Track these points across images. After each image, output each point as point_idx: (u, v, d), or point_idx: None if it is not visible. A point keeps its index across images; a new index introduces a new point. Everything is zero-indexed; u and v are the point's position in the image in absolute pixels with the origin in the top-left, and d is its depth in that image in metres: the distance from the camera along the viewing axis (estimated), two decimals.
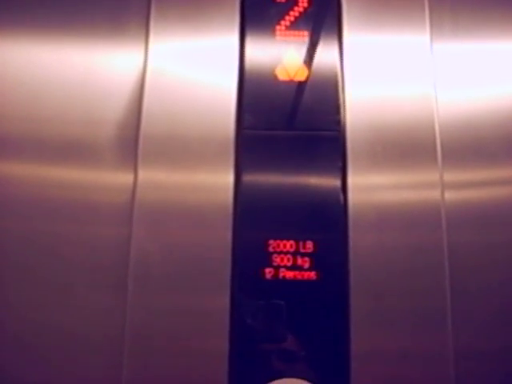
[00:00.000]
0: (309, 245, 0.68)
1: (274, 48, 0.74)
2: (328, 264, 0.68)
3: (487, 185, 0.73)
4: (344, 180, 0.70)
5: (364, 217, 0.69)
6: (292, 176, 0.70)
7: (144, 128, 0.72)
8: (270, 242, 0.68)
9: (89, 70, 0.75)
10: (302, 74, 0.73)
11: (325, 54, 0.74)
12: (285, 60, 0.73)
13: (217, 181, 0.70)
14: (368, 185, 0.71)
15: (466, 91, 0.75)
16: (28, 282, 0.69)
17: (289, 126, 0.72)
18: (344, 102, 0.73)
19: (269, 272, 0.67)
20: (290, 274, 0.67)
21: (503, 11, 0.78)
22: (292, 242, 0.68)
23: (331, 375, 0.66)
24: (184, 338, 0.67)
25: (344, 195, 0.70)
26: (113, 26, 0.76)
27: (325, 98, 0.72)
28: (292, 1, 0.76)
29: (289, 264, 0.67)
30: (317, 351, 0.66)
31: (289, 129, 0.72)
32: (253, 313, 0.67)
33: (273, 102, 0.72)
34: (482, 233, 0.71)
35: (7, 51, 0.76)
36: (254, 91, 0.72)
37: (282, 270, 0.67)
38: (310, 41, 0.74)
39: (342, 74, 0.73)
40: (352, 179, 0.70)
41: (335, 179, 0.70)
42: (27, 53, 0.75)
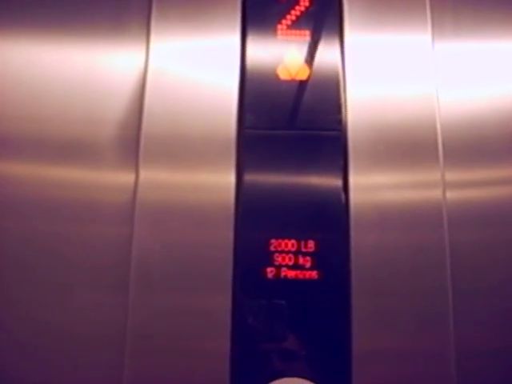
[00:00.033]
0: (310, 244, 0.68)
1: (276, 47, 0.74)
2: (329, 263, 0.68)
3: (489, 184, 0.73)
4: (345, 179, 0.70)
5: (366, 216, 0.69)
6: (294, 175, 0.70)
7: (145, 128, 0.72)
8: (272, 242, 0.68)
9: (89, 70, 0.75)
10: (304, 74, 0.73)
11: (326, 54, 0.74)
12: (286, 59, 0.73)
13: (218, 180, 0.70)
14: (370, 184, 0.71)
15: (468, 91, 0.75)
16: (29, 282, 0.69)
17: (290, 126, 0.72)
18: (345, 102, 0.72)
19: (270, 271, 0.67)
20: (292, 274, 0.67)
21: (505, 10, 0.78)
22: (294, 242, 0.68)
23: (333, 375, 0.66)
24: (185, 338, 0.67)
25: (345, 195, 0.70)
26: (114, 26, 0.76)
27: (326, 98, 0.72)
28: (293, 0, 0.75)
29: (290, 263, 0.67)
30: (318, 351, 0.66)
31: (290, 128, 0.71)
32: (254, 312, 0.66)
33: (274, 102, 0.72)
34: (484, 232, 0.71)
35: (7, 51, 0.76)
36: (256, 91, 0.72)
37: (284, 270, 0.67)
38: (312, 40, 0.74)
39: (344, 74, 0.73)
40: (353, 179, 0.70)
41: (337, 179, 0.70)
42: (27, 52, 0.75)
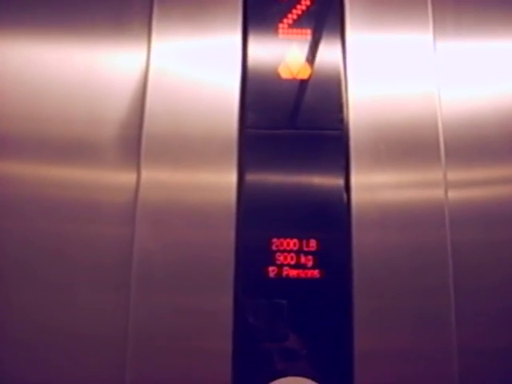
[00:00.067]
0: (312, 243, 0.68)
1: (277, 46, 0.74)
2: (331, 262, 0.68)
3: (491, 183, 0.73)
4: (347, 179, 0.70)
5: (367, 215, 0.69)
6: (295, 175, 0.70)
7: (147, 127, 0.72)
8: (274, 241, 0.68)
9: (90, 69, 0.74)
10: (305, 73, 0.73)
11: (327, 53, 0.74)
12: (287, 58, 0.73)
13: (220, 180, 0.70)
14: (371, 183, 0.70)
15: (470, 90, 0.75)
16: (30, 282, 0.69)
17: (292, 125, 0.71)
18: (347, 101, 0.72)
19: (272, 270, 0.67)
20: (294, 273, 0.67)
21: (506, 10, 0.78)
22: (295, 241, 0.68)
23: (335, 374, 0.66)
24: (187, 338, 0.67)
25: (347, 194, 0.70)
26: (115, 25, 0.76)
27: (328, 97, 0.72)
28: None
29: (292, 262, 0.67)
30: (320, 350, 0.66)
31: (292, 128, 0.71)
32: (256, 312, 0.66)
33: (276, 101, 0.72)
34: (486, 231, 0.71)
35: (8, 50, 0.76)
36: (257, 90, 0.72)
37: (286, 269, 0.67)
38: (313, 39, 0.74)
39: (345, 73, 0.73)
40: (355, 178, 0.70)
41: (338, 178, 0.70)
42: (28, 52, 0.75)
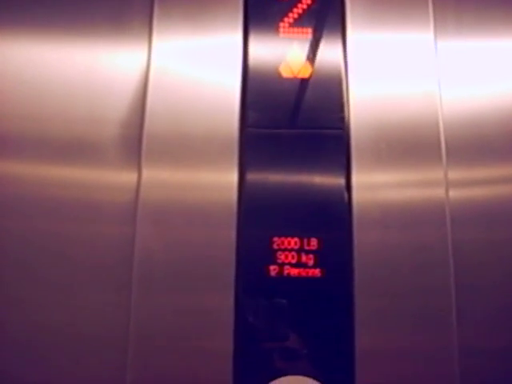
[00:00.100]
0: (313, 242, 0.68)
1: (278, 45, 0.74)
2: (332, 261, 0.67)
3: (492, 182, 0.73)
4: (348, 178, 0.70)
5: (368, 215, 0.69)
6: (296, 174, 0.70)
7: (147, 127, 0.72)
8: (275, 239, 0.68)
9: (91, 69, 0.75)
10: (306, 72, 0.73)
11: (328, 52, 0.74)
12: (288, 57, 0.73)
13: (221, 179, 0.70)
14: (372, 183, 0.70)
15: (470, 89, 0.75)
16: (31, 282, 0.69)
17: (293, 124, 0.71)
18: (348, 100, 0.72)
19: (273, 269, 0.67)
20: (295, 271, 0.67)
21: (507, 8, 0.78)
22: (296, 240, 0.68)
23: (336, 373, 0.66)
24: (188, 338, 0.67)
25: (348, 193, 0.70)
26: (116, 25, 0.76)
27: (329, 96, 0.72)
28: None
29: (293, 261, 0.67)
30: (322, 349, 0.66)
31: (293, 127, 0.71)
32: (257, 311, 0.66)
33: (277, 100, 0.72)
34: (487, 230, 0.71)
35: (8, 50, 0.76)
36: (258, 89, 0.72)
37: (287, 268, 0.67)
38: (314, 38, 0.74)
39: (346, 72, 0.73)
40: (356, 177, 0.70)
41: (339, 177, 0.70)
42: (28, 52, 0.75)
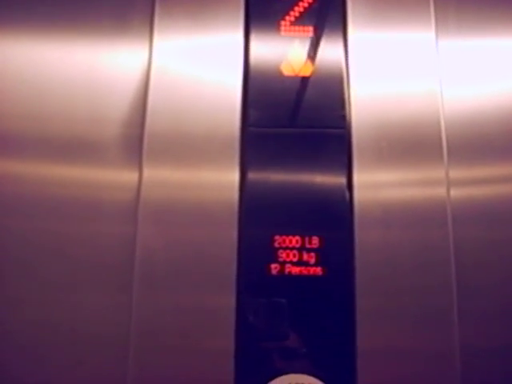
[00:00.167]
0: (314, 240, 0.68)
1: (279, 44, 0.74)
2: (334, 260, 0.67)
3: (493, 182, 0.73)
4: (350, 177, 0.70)
5: (370, 214, 0.69)
6: (297, 173, 0.70)
7: (149, 126, 0.72)
8: (276, 238, 0.68)
9: (92, 68, 0.74)
10: (307, 70, 0.73)
11: (330, 50, 0.74)
12: (290, 56, 0.73)
13: (222, 178, 0.70)
14: (374, 182, 0.70)
15: (472, 88, 0.75)
16: (32, 281, 0.69)
17: (294, 123, 0.71)
18: (349, 99, 0.72)
19: (275, 268, 0.67)
20: (296, 270, 0.67)
21: (508, 8, 0.78)
22: (298, 238, 0.68)
23: (337, 371, 0.66)
24: (189, 336, 0.67)
25: (350, 192, 0.70)
26: (117, 24, 0.76)
27: (330, 94, 0.72)
28: None
29: (295, 260, 0.67)
30: (323, 347, 0.66)
31: (294, 126, 0.71)
32: (259, 309, 0.66)
33: (278, 99, 0.72)
34: (488, 229, 0.71)
35: (9, 49, 0.76)
36: (259, 87, 0.72)
37: (288, 266, 0.67)
38: (315, 36, 0.74)
39: (347, 71, 0.73)
40: (358, 176, 0.70)
41: (341, 176, 0.70)
42: (29, 51, 0.75)
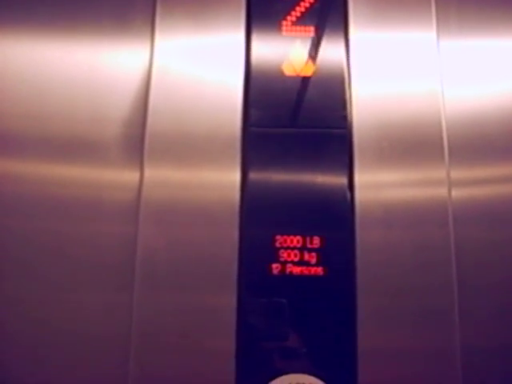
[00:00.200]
0: (316, 240, 0.68)
1: (280, 44, 0.74)
2: (335, 260, 0.67)
3: (494, 182, 0.73)
4: (351, 177, 0.70)
5: (371, 214, 0.69)
6: (299, 173, 0.70)
7: (150, 126, 0.72)
8: (277, 238, 0.68)
9: (93, 68, 0.74)
10: (309, 70, 0.73)
11: (331, 50, 0.73)
12: (291, 56, 0.73)
13: (223, 178, 0.70)
14: (375, 182, 0.70)
15: (473, 88, 0.75)
16: (33, 281, 0.69)
17: (295, 123, 0.71)
18: (350, 99, 0.72)
19: (276, 267, 0.67)
20: (297, 270, 0.67)
21: (509, 8, 0.78)
22: (299, 238, 0.68)
23: (338, 371, 0.66)
24: (190, 336, 0.67)
25: (351, 192, 0.70)
26: (118, 23, 0.76)
27: (331, 95, 0.72)
28: None
29: (296, 259, 0.67)
30: (324, 347, 0.66)
31: (295, 126, 0.71)
32: (260, 309, 0.66)
33: (279, 98, 0.72)
34: (489, 230, 0.71)
35: (10, 49, 0.76)
36: (261, 87, 0.72)
37: (289, 266, 0.67)
38: (317, 36, 0.74)
39: (349, 71, 0.73)
40: (359, 176, 0.70)
41: (342, 176, 0.70)
42: (30, 50, 0.75)
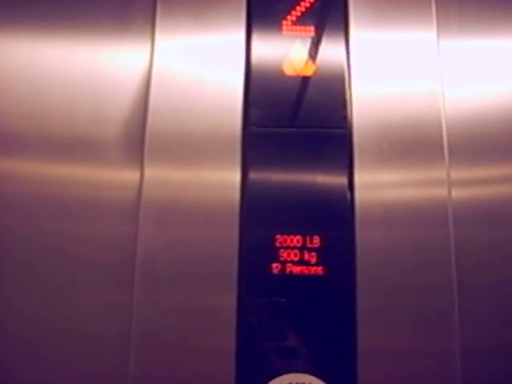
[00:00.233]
0: (316, 240, 0.68)
1: (281, 43, 0.74)
2: (335, 259, 0.67)
3: (494, 182, 0.73)
4: (351, 177, 0.70)
5: (371, 214, 0.69)
6: (299, 173, 0.70)
7: (150, 125, 0.72)
8: (277, 237, 0.68)
9: (94, 67, 0.74)
10: (309, 70, 0.73)
11: (331, 50, 0.73)
12: (291, 55, 0.73)
13: (223, 178, 0.70)
14: (375, 182, 0.71)
15: (473, 88, 0.75)
16: (33, 280, 0.69)
17: (296, 123, 0.71)
18: (351, 99, 0.72)
19: (276, 267, 0.67)
20: (297, 269, 0.67)
21: (509, 8, 0.78)
22: (299, 237, 0.68)
23: (338, 371, 0.66)
24: (191, 336, 0.67)
25: (351, 192, 0.70)
26: (118, 23, 0.76)
27: (331, 94, 0.72)
28: None
29: (296, 259, 0.67)
30: (324, 347, 0.66)
31: (296, 126, 0.71)
32: (260, 308, 0.66)
33: (280, 98, 0.72)
34: (489, 230, 0.71)
35: (11, 48, 0.76)
36: (261, 87, 0.72)
37: (289, 265, 0.67)
38: (317, 36, 0.74)
39: (349, 71, 0.73)
40: (359, 176, 0.70)
41: (342, 176, 0.70)
42: (31, 50, 0.75)
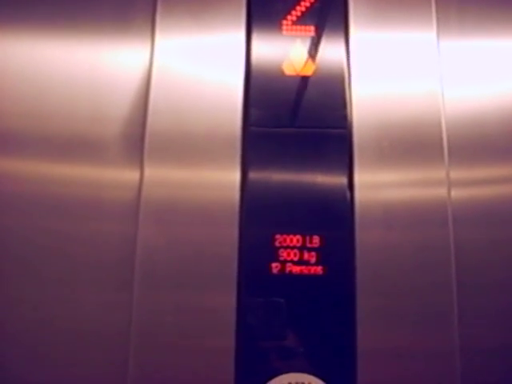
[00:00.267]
0: (315, 240, 0.68)
1: (281, 43, 0.74)
2: (334, 259, 0.67)
3: (494, 182, 0.73)
4: (350, 177, 0.70)
5: (370, 214, 0.69)
6: (299, 173, 0.70)
7: (150, 125, 0.72)
8: (277, 237, 0.68)
9: (94, 67, 0.74)
10: (309, 70, 0.73)
11: (331, 50, 0.74)
12: (291, 55, 0.73)
13: (223, 177, 0.70)
14: (375, 182, 0.71)
15: (473, 88, 0.75)
16: (33, 280, 0.69)
17: (295, 123, 0.71)
18: (350, 99, 0.72)
19: (275, 267, 0.67)
20: (297, 269, 0.67)
21: (509, 8, 0.78)
22: (299, 237, 0.68)
23: (338, 370, 0.66)
24: (190, 335, 0.67)
25: (351, 192, 0.70)
26: (118, 22, 0.76)
27: (331, 94, 0.72)
28: None
29: (295, 259, 0.67)
30: (323, 346, 0.66)
31: (295, 126, 0.71)
32: (259, 308, 0.66)
33: (279, 98, 0.72)
34: (489, 230, 0.71)
35: (11, 47, 0.76)
36: (261, 87, 0.72)
37: (289, 265, 0.67)
38: (317, 36, 0.74)
39: (349, 70, 0.73)
40: (359, 176, 0.70)
41: (342, 176, 0.70)
42: (31, 49, 0.75)
